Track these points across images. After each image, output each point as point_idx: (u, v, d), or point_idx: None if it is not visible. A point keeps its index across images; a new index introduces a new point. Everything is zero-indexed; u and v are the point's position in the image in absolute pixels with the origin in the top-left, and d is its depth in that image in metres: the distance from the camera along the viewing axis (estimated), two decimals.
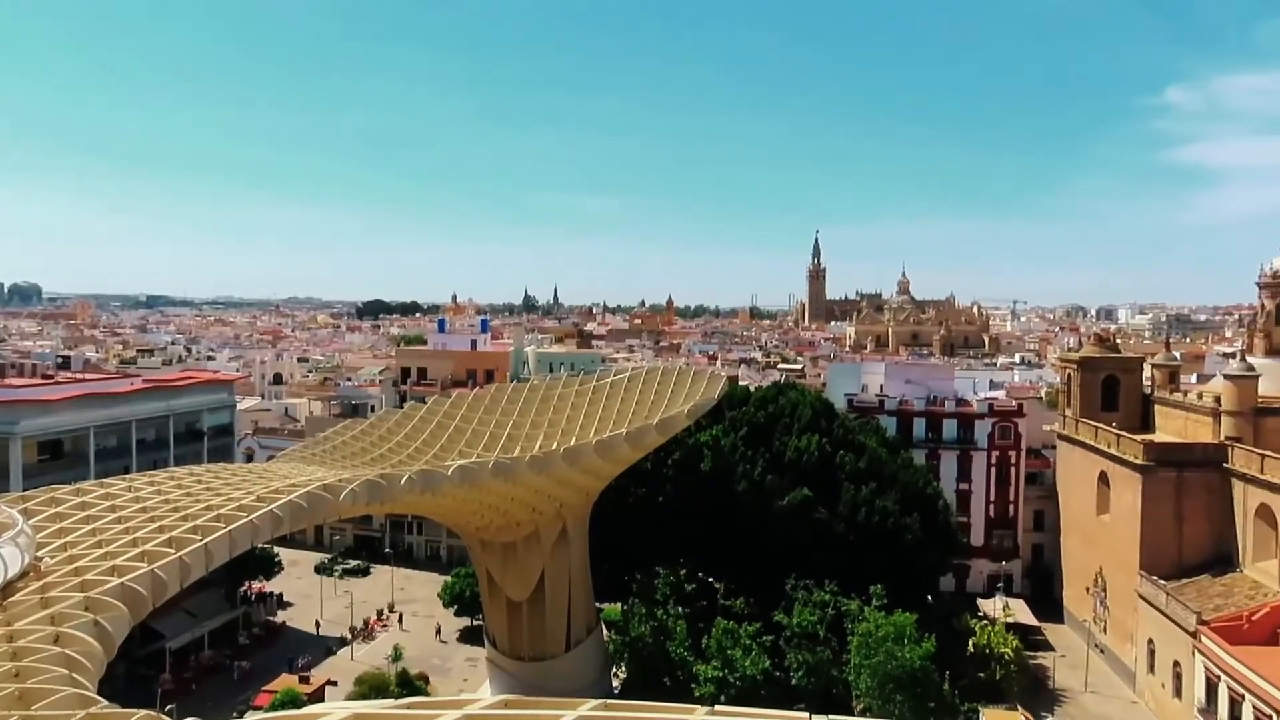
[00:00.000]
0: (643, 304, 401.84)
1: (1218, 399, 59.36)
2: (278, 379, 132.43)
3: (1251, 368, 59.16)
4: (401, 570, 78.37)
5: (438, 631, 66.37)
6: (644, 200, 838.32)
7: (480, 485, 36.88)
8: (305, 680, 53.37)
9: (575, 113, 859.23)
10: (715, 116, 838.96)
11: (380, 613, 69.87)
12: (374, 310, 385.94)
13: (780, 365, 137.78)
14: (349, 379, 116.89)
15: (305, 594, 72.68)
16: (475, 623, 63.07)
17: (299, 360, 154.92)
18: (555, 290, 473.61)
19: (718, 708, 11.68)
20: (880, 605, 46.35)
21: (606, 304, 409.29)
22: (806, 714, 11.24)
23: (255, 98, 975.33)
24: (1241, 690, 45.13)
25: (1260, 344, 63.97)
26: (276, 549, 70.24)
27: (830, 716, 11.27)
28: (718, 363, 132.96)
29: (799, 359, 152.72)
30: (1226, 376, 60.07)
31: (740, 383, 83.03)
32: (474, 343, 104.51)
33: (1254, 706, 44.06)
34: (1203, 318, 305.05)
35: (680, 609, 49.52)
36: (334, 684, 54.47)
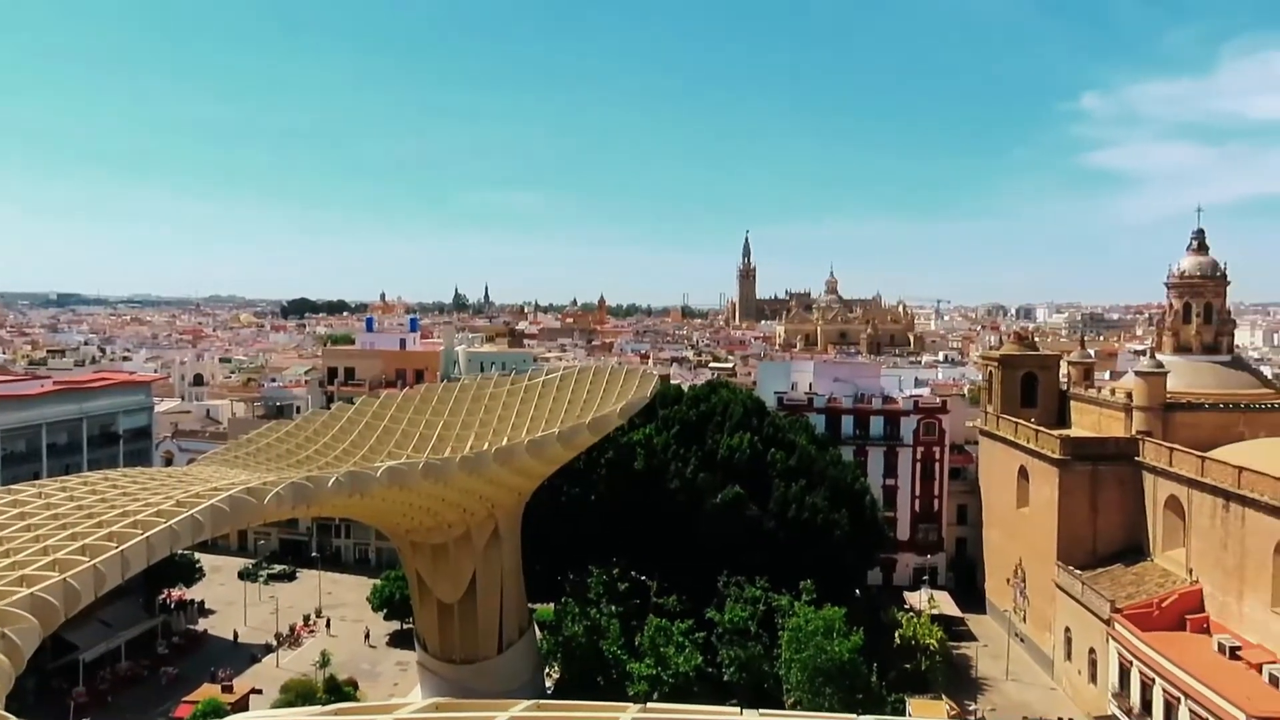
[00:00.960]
0: (575, 303, 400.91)
1: (1129, 395, 61.67)
2: (198, 380, 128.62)
3: (1160, 365, 61.61)
4: (329, 574, 76.83)
5: (367, 636, 65.24)
6: (576, 199, 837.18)
7: (410, 486, 36.37)
8: (228, 689, 51.93)
9: (506, 109, 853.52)
10: (646, 116, 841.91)
11: (307, 618, 68.37)
12: (299, 309, 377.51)
13: (712, 364, 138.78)
14: (274, 379, 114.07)
15: (228, 601, 70.74)
16: (406, 626, 62.19)
17: (221, 360, 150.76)
18: (486, 289, 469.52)
19: (650, 705, 11.73)
20: (810, 600, 47.06)
21: (538, 303, 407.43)
22: (738, 709, 11.35)
23: (173, 89, 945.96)
24: (1152, 675, 47.02)
25: (1169, 342, 66.66)
26: (197, 555, 68.20)
27: (761, 711, 11.39)
28: (650, 361, 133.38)
29: (730, 358, 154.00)
30: (1137, 373, 62.44)
31: (672, 381, 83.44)
32: (403, 342, 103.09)
33: (1164, 690, 45.96)
34: (1115, 316, 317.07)
35: (613, 607, 49.56)
36: (259, 692, 53.12)
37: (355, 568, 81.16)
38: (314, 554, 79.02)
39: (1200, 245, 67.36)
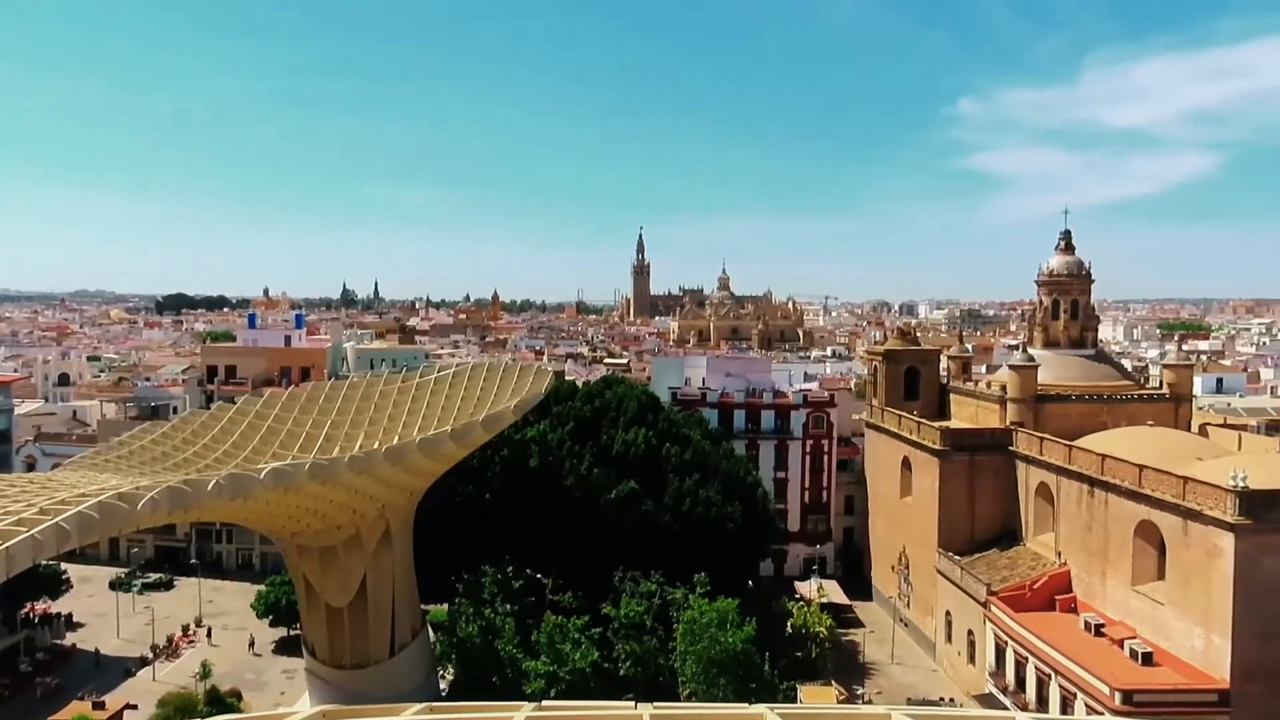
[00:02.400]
0: (468, 299, 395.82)
1: (1004, 387, 64.69)
2: (64, 380, 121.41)
3: (1032, 358, 64.82)
4: (210, 581, 73.75)
5: (251, 644, 62.90)
6: (468, 193, 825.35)
7: (297, 488, 35.21)
8: (100, 706, 49.24)
9: (394, 101, 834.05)
10: (538, 111, 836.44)
11: (186, 628, 65.47)
12: (176, 304, 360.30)
13: (606, 360, 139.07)
14: (148, 379, 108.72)
15: (99, 613, 67.14)
16: (293, 632, 60.23)
17: (89, 359, 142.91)
18: (376, 284, 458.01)
19: (545, 703, 11.68)
20: (704, 593, 47.67)
21: (430, 298, 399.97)
22: (633, 703, 11.41)
23: (26, 70, 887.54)
24: (1025, 653, 49.51)
25: (1039, 337, 70.19)
26: (64, 565, 64.44)
27: (655, 704, 11.48)
28: (544, 358, 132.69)
29: (625, 354, 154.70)
30: (1010, 367, 65.55)
31: (567, 378, 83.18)
32: (288, 339, 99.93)
33: (1036, 668, 48.46)
34: (991, 313, 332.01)
35: (508, 606, 49.17)
36: (134, 708, 50.60)
37: (238, 574, 78.11)
38: (193, 561, 75.69)
39: (1067, 245, 71.14)
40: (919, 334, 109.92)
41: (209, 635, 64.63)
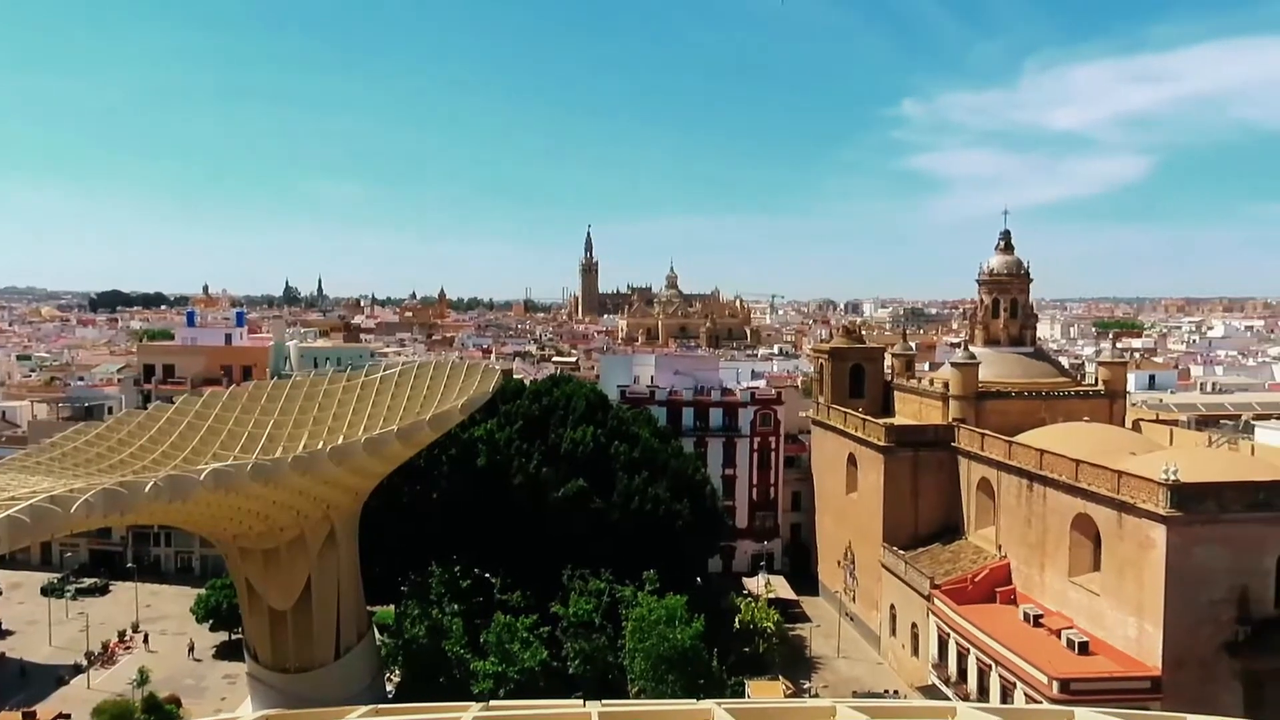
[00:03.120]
0: (414, 296, 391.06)
1: (946, 385, 65.90)
2: None
3: (973, 356, 66.15)
4: (148, 586, 71.93)
5: (191, 649, 61.52)
6: (415, 190, 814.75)
7: (238, 489, 34.49)
8: (30, 716, 47.77)
9: (338, 95, 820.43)
10: (487, 109, 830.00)
11: (123, 634, 63.77)
12: (110, 302, 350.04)
13: (555, 358, 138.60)
14: (81, 378, 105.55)
15: (30, 619, 65.12)
16: (234, 636, 59.03)
17: (19, 358, 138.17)
18: (320, 281, 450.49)
19: (493, 703, 11.62)
20: (653, 590, 47.81)
21: (375, 296, 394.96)
22: (581, 701, 11.41)
23: None
24: (967, 645, 50.54)
25: (980, 335, 71.66)
26: None
27: (604, 701, 11.49)
28: (492, 356, 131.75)
29: (573, 352, 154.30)
30: (952, 364, 66.82)
31: (515, 376, 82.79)
32: (229, 337, 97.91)
33: (977, 658, 49.50)
34: (934, 311, 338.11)
35: (456, 606, 48.79)
36: (66, 717, 49.18)
37: (177, 577, 76.33)
38: (130, 565, 73.72)
39: (1007, 245, 72.71)
40: (864, 332, 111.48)
41: (146, 641, 63.07)
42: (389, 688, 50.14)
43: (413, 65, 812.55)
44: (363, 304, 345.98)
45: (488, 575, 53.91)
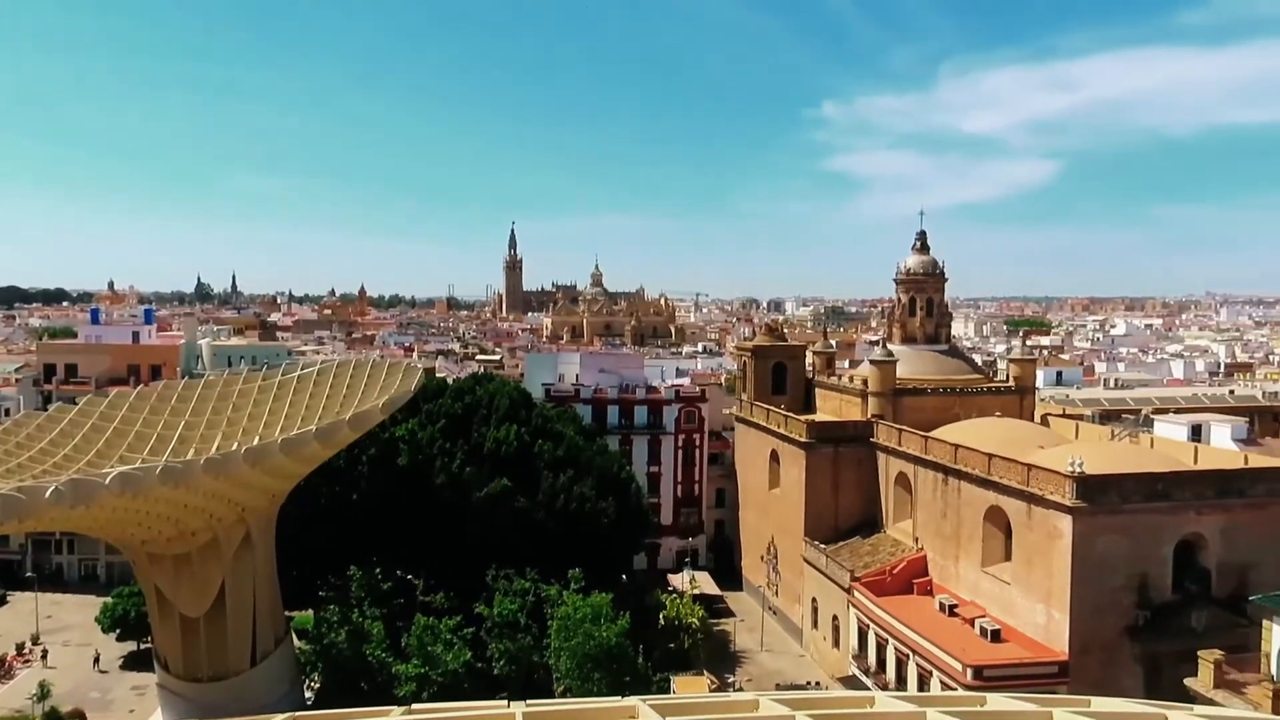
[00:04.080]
0: (333, 293, 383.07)
1: (865, 382, 67.34)
2: None
3: (891, 354, 67.74)
4: (49, 595, 68.86)
5: (96, 661, 59.11)
6: (334, 185, 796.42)
7: (147, 493, 33.22)
8: None
9: (253, 86, 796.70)
10: (407, 104, 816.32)
11: (21, 646, 60.91)
12: (8, 298, 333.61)
13: (478, 356, 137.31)
14: None
15: None
16: (144, 646, 56.97)
17: None
18: (234, 278, 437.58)
19: (415, 706, 11.45)
20: (578, 588, 47.73)
21: (293, 293, 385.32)
22: (505, 702, 11.32)
23: None
24: (886, 635, 51.75)
25: (898, 333, 73.43)
26: None
27: (529, 701, 11.43)
28: (414, 354, 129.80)
29: (497, 350, 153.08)
30: (871, 362, 68.32)
31: (438, 374, 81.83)
32: (136, 335, 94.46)
33: (895, 648, 50.73)
34: (854, 310, 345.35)
35: (377, 610, 47.93)
36: None
37: (81, 586, 73.26)
38: (29, 574, 70.51)
39: (923, 246, 74.65)
40: (786, 330, 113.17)
41: (44, 657, 60.16)
42: (308, 694, 49.00)
43: (332, 57, 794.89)
44: (279, 301, 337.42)
45: (410, 577, 53.08)
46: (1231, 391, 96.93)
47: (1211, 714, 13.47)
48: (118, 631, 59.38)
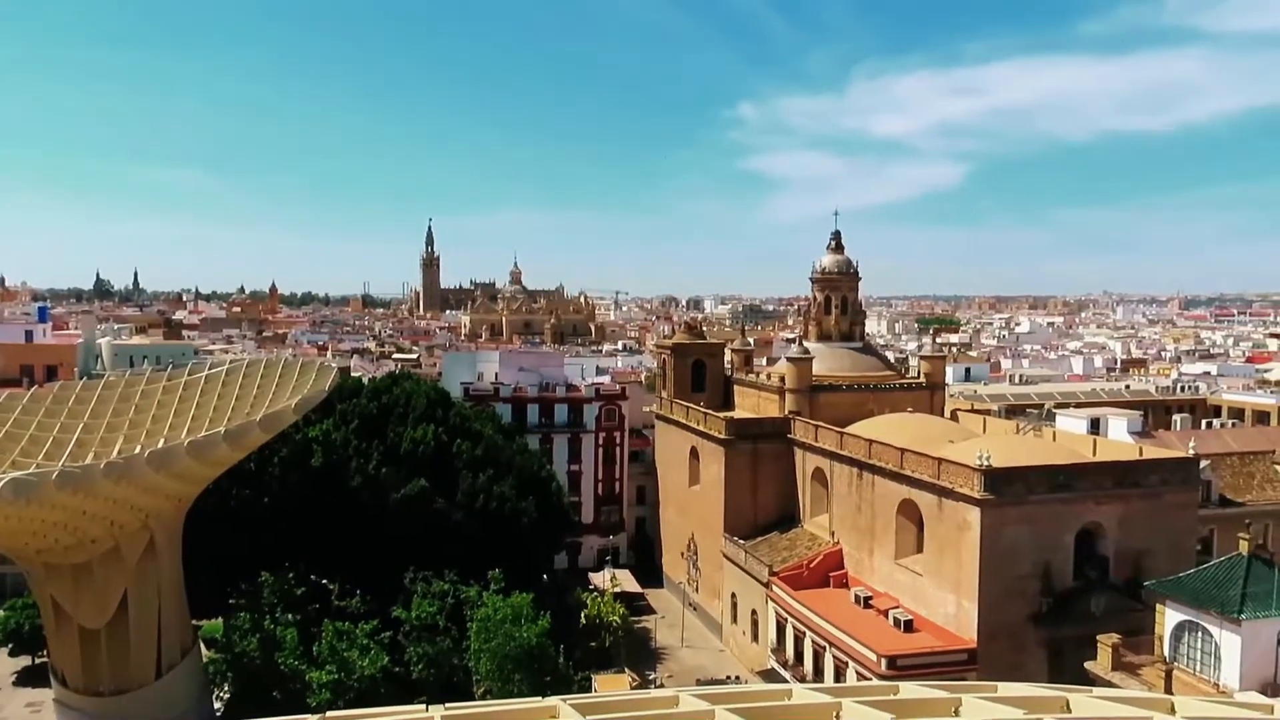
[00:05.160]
0: (243, 291, 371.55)
1: (782, 379, 68.34)
2: None
3: (807, 351, 68.89)
4: None
5: None
6: (243, 178, 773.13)
7: (43, 499, 31.76)
8: None
9: (156, 73, 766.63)
10: (319, 96, 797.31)
11: None
12: None
13: (395, 355, 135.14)
14: None
15: None
16: (39, 660, 54.34)
17: None
18: (136, 274, 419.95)
19: (330, 714, 11.20)
20: (498, 589, 47.36)
21: (199, 290, 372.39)
22: (424, 706, 11.16)
23: None
24: (803, 628, 52.68)
25: (814, 330, 74.70)
26: None
27: (447, 704, 11.28)
28: (328, 353, 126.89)
29: (414, 348, 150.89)
30: (788, 359, 69.36)
31: (353, 374, 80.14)
32: (29, 334, 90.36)
33: (813, 641, 51.67)
34: (771, 308, 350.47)
35: (290, 616, 46.71)
36: None
37: None
38: None
39: (837, 245, 76.11)
40: (705, 328, 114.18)
41: None
42: (217, 705, 47.49)
43: (243, 47, 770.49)
44: (185, 298, 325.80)
45: (325, 581, 51.89)
46: (1127, 386, 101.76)
47: (1108, 695, 14.08)
48: (11, 646, 56.55)
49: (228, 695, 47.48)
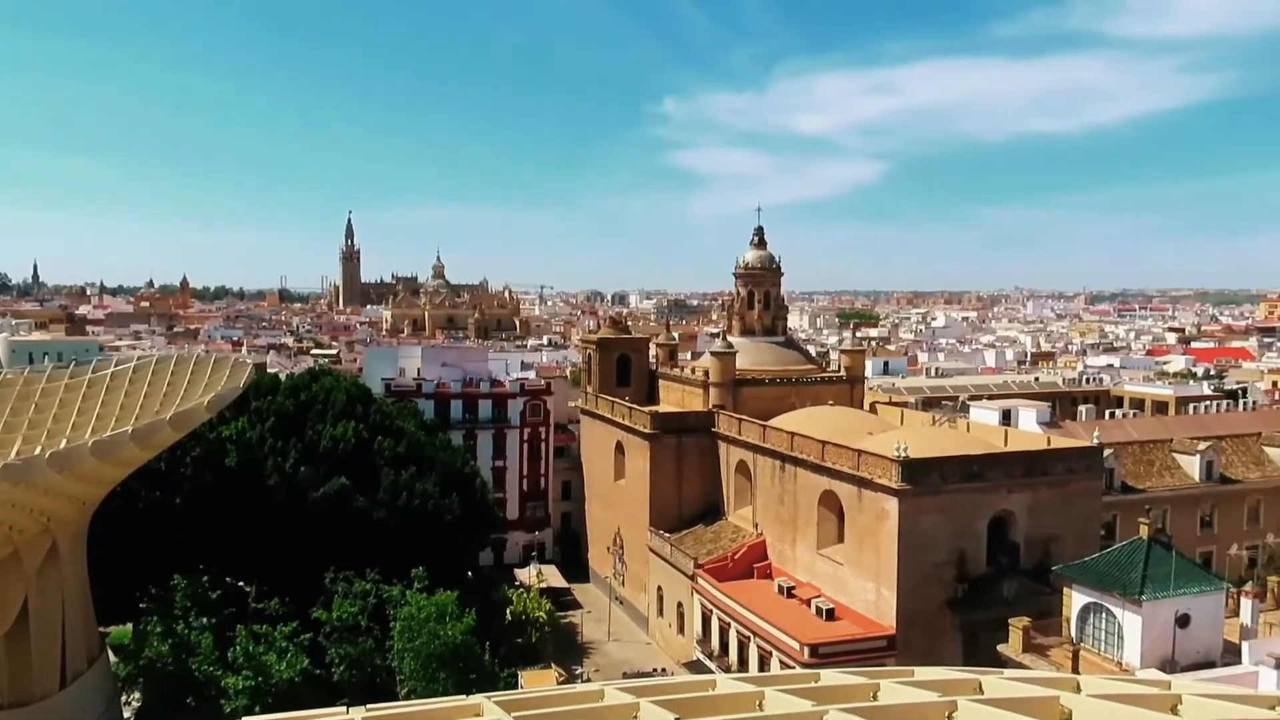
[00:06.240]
0: (151, 285, 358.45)
1: (706, 373, 68.94)
2: None
3: (731, 346, 69.60)
4: None
5: None
6: (151, 167, 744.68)
7: None
8: None
9: (58, 56, 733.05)
10: (233, 84, 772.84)
11: None
12: None
13: (314, 351, 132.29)
14: None
15: None
16: None
17: None
18: (35, 267, 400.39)
19: (246, 719, 10.90)
20: (422, 588, 46.71)
21: (105, 284, 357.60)
22: (345, 708, 10.95)
23: None
24: (728, 619, 53.29)
25: (737, 325, 75.52)
26: None
27: (369, 706, 11.08)
28: (243, 349, 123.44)
29: (334, 344, 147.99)
30: (712, 354, 70.00)
31: (270, 370, 78.06)
32: None
33: (737, 631, 52.32)
34: (696, 302, 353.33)
35: (205, 620, 45.31)
36: None
37: None
38: None
39: (760, 241, 77.03)
40: (630, 323, 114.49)
41: None
42: (127, 714, 45.86)
43: (152, 32, 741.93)
44: (90, 293, 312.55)
45: (241, 584, 50.48)
46: (1036, 379, 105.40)
47: (1018, 676, 14.58)
48: None
49: (138, 703, 45.94)
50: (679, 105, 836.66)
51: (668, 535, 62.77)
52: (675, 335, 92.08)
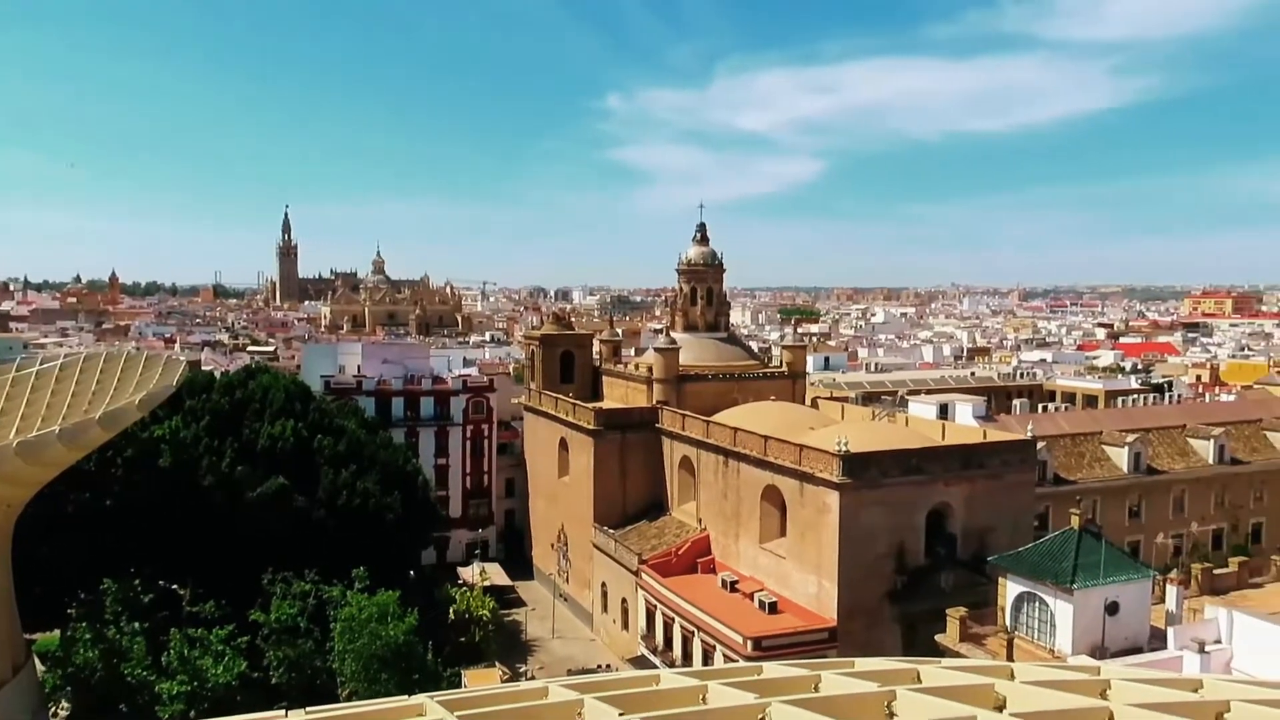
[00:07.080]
0: (79, 280, 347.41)
1: (650, 369, 69.13)
2: None
3: (674, 342, 69.90)
4: None
5: None
6: (77, 158, 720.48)
7: None
8: None
9: None
10: (165, 73, 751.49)
11: None
12: None
13: (250, 348, 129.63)
14: None
15: None
16: None
17: None
18: None
19: None
20: (363, 588, 46.11)
21: (29, 279, 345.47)
22: (283, 711, 10.78)
23: None
24: (672, 614, 53.57)
25: (680, 321, 75.83)
26: None
27: (309, 709, 10.92)
28: (176, 346, 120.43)
29: (271, 341, 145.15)
30: (655, 350, 70.20)
31: (204, 368, 76.40)
32: None
33: (681, 626, 52.62)
34: (639, 299, 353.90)
35: (137, 625, 44.10)
36: None
37: None
38: None
39: (703, 237, 77.42)
40: (573, 319, 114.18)
41: None
42: None
43: (80, 17, 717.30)
44: (12, 288, 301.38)
45: (175, 587, 49.23)
46: (972, 373, 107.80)
47: (955, 665, 14.93)
48: None
49: (66, 712, 44.55)
50: (622, 101, 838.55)
51: (612, 531, 62.85)
52: (619, 331, 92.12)
